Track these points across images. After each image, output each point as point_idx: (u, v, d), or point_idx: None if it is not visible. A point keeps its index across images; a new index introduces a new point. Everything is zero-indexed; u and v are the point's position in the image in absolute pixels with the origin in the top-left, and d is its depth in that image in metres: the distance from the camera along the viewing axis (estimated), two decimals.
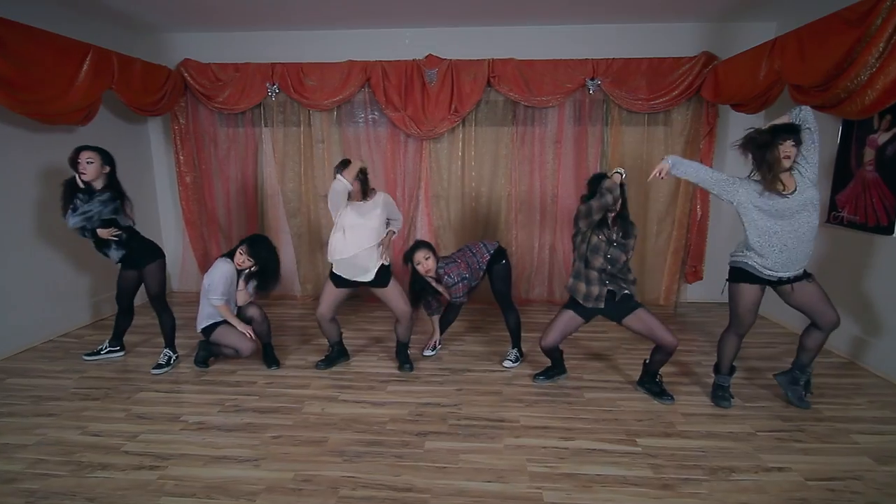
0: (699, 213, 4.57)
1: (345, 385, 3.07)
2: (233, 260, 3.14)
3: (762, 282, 2.60)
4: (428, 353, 3.53)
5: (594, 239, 2.65)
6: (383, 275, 3.06)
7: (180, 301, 4.85)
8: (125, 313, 3.40)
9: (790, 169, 2.45)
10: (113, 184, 3.05)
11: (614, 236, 2.65)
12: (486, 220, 4.73)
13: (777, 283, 2.60)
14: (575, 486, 2.09)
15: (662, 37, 4.43)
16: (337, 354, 3.36)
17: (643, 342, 3.36)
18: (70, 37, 3.42)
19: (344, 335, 3.46)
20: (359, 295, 3.96)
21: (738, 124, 4.06)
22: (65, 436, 2.49)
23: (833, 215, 3.61)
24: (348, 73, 4.52)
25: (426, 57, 4.49)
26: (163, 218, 5.13)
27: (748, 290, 2.62)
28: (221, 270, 3.09)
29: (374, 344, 3.78)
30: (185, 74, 4.59)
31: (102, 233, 3.01)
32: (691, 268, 4.66)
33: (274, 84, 4.58)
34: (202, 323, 3.16)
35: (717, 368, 2.86)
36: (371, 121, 4.70)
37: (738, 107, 4.01)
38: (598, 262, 2.65)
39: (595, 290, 2.68)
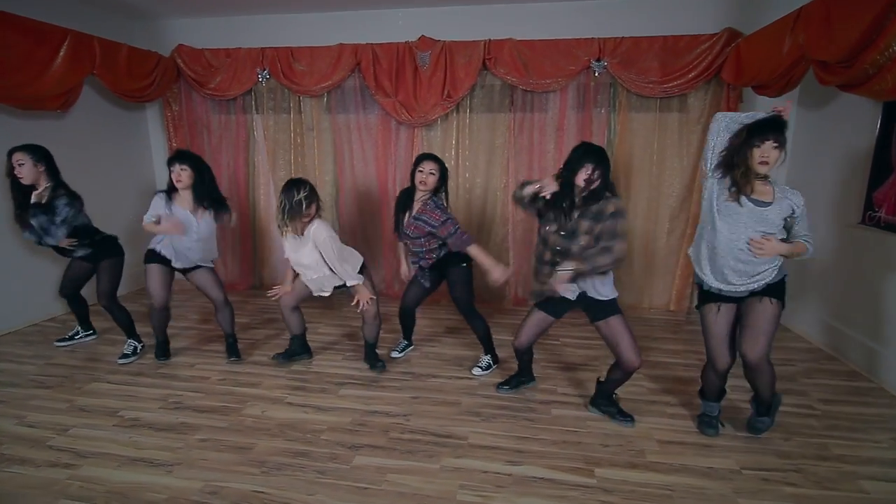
0: None
1: (297, 386, 2.90)
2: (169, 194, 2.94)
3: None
4: (395, 354, 3.32)
5: (542, 230, 2.35)
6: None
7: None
8: (74, 302, 3.36)
9: (766, 176, 2.06)
10: (59, 182, 2.95)
11: (566, 225, 2.28)
12: (482, 213, 4.44)
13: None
14: None
15: (679, 12, 3.96)
16: (298, 349, 3.20)
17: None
18: (68, 25, 3.42)
19: (320, 330, 3.30)
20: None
21: (763, 109, 3.56)
22: (1, 425, 2.45)
23: (869, 215, 3.09)
24: (338, 56, 4.32)
25: (419, 39, 4.22)
26: None
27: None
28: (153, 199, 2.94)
29: (346, 340, 3.60)
30: (178, 61, 4.55)
31: (63, 243, 2.95)
32: None
33: (264, 69, 4.46)
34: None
35: (701, 393, 2.49)
36: (362, 107, 4.49)
37: (759, 89, 3.51)
38: (547, 255, 2.34)
39: (546, 287, 2.36)
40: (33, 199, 2.84)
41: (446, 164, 2.98)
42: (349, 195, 4.63)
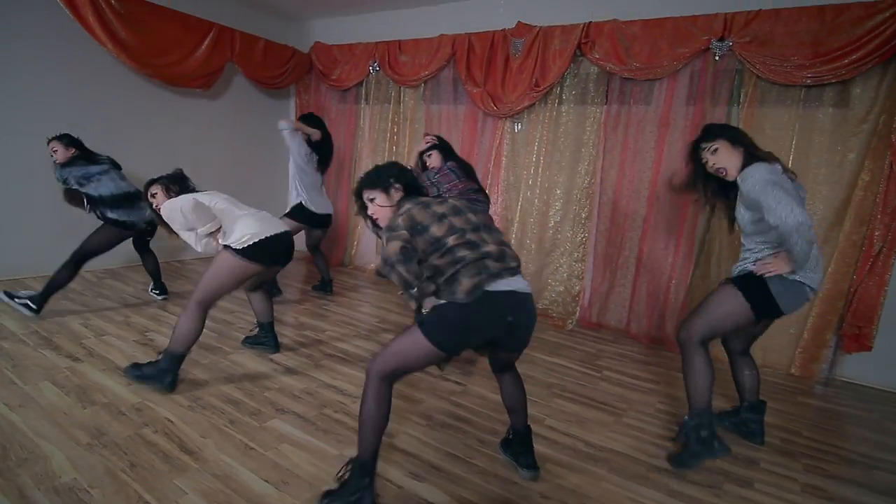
0: (879, 246, 2.86)
1: (303, 352, 2.95)
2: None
3: None
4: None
5: None
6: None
7: None
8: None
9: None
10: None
11: None
12: (562, 216, 3.93)
13: None
14: None
15: None
16: (263, 338, 2.84)
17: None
18: (229, 23, 4.30)
19: (362, 308, 3.30)
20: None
21: None
22: (71, 321, 3.05)
23: None
24: (437, 47, 4.35)
25: (515, 25, 3.98)
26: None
27: None
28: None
29: (386, 324, 3.54)
30: (313, 56, 5.15)
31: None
32: (853, 328, 2.96)
33: (375, 62, 4.74)
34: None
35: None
36: (453, 98, 4.42)
37: None
38: None
39: None
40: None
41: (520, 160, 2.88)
42: None
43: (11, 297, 3.03)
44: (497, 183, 4.23)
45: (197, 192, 2.49)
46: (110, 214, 3.13)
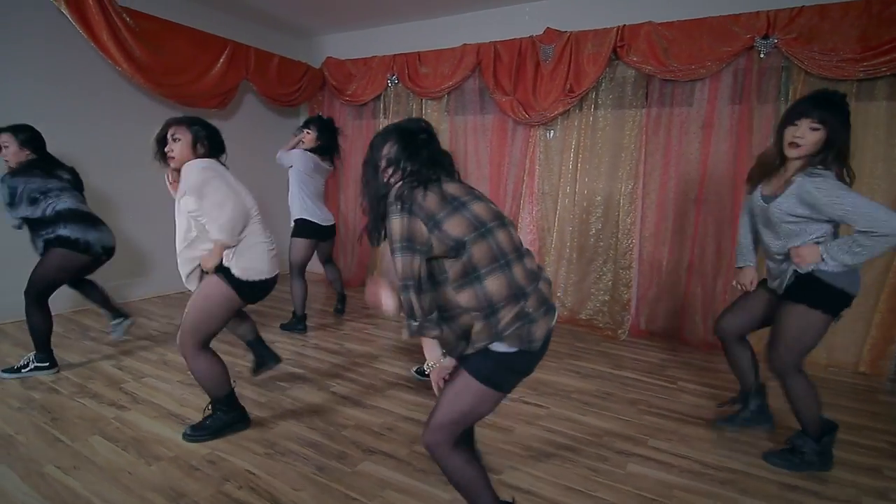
0: None
1: (350, 378, 2.74)
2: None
3: None
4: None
5: None
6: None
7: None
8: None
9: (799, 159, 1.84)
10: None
11: None
12: (603, 224, 3.82)
13: None
14: None
15: None
16: (260, 359, 2.50)
17: None
18: (239, 39, 4.02)
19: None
20: None
21: None
22: (103, 365, 2.78)
23: None
24: (461, 57, 4.24)
25: (544, 32, 3.89)
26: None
27: None
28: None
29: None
30: (326, 72, 4.98)
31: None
32: None
33: (393, 75, 4.60)
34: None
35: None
36: (479, 109, 4.31)
37: None
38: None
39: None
40: None
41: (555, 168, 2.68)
42: None
43: (16, 370, 2.54)
44: (532, 192, 4.11)
45: (230, 179, 2.03)
46: (62, 231, 2.47)
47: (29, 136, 2.48)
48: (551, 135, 4.02)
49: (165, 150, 1.98)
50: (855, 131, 3.07)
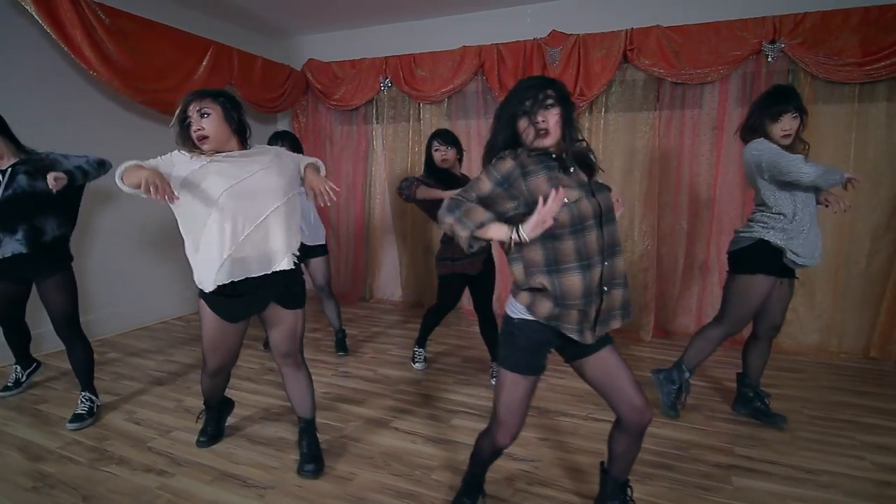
0: None
1: (404, 409, 2.54)
2: None
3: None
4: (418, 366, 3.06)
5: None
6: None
7: None
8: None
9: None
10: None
11: None
12: (619, 226, 3.82)
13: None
14: None
15: None
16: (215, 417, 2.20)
17: None
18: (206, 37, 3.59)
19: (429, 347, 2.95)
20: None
21: None
22: (111, 419, 2.39)
23: None
24: (461, 59, 4.09)
25: (549, 34, 3.84)
26: None
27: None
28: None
29: (454, 360, 3.19)
30: (308, 74, 4.65)
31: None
32: None
33: (386, 78, 4.38)
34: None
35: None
36: (483, 112, 4.19)
37: None
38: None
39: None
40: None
41: None
42: None
43: (86, 416, 2.31)
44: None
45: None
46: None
47: None
48: None
49: (193, 129, 1.69)
50: (858, 132, 3.29)
